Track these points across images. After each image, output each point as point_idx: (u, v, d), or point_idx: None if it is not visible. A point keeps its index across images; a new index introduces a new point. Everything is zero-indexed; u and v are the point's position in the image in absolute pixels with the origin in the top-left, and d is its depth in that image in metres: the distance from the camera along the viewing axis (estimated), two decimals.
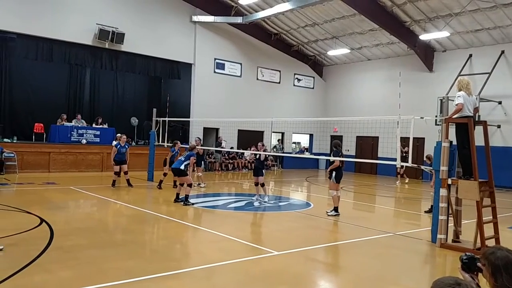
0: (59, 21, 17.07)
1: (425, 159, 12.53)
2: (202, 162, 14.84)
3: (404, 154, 15.65)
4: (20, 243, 6.42)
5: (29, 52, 17.12)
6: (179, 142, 13.49)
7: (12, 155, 15.47)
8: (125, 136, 13.64)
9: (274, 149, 23.99)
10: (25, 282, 4.87)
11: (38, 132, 17.48)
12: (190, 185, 10.73)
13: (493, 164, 7.65)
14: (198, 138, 15.56)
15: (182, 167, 10.71)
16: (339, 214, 9.86)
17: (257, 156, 11.85)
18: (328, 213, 9.93)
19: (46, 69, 19.14)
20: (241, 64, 22.86)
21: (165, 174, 13.49)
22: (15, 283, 4.78)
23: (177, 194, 10.88)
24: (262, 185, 11.62)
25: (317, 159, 24.31)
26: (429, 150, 13.62)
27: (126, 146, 13.27)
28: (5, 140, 16.21)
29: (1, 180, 13.64)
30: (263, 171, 11.73)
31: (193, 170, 12.91)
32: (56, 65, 19.05)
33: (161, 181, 13.29)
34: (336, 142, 10.26)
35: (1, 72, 17.87)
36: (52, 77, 19.49)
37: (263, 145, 12.10)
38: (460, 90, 7.34)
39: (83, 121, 18.33)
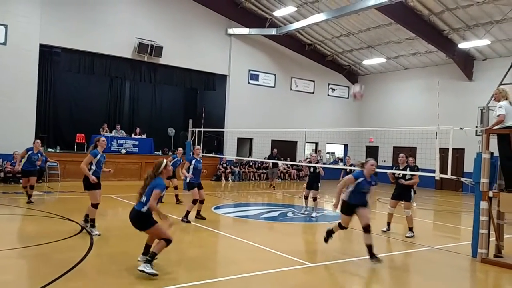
0: (101, 35, 17.78)
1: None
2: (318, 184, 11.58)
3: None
4: (61, 249, 6.68)
5: (72, 66, 17.91)
6: None
7: (55, 164, 16.13)
8: (180, 149, 13.45)
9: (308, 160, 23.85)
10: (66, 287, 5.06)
11: (79, 142, 18.15)
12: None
13: None
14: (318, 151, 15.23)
15: None
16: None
17: (311, 169, 11.34)
18: (408, 236, 9.07)
19: (88, 82, 19.98)
20: (275, 75, 23.00)
21: None
22: None
23: None
24: (315, 199, 11.28)
25: (352, 170, 23.96)
26: (469, 161, 13.18)
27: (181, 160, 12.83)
28: (49, 149, 16.92)
29: (45, 188, 14.23)
30: (319, 184, 11.32)
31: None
32: (97, 78, 19.86)
33: None
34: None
35: (46, 85, 18.76)
36: (93, 90, 20.31)
37: (317, 156, 11.74)
38: (499, 100, 7.08)
39: (122, 131, 18.93)
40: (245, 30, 21.13)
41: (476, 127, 14.01)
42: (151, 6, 19.16)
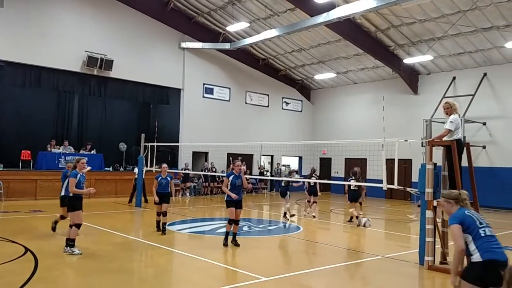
0: (48, 48, 17.17)
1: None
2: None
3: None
4: (2, 274, 6.30)
5: (17, 80, 17.15)
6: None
7: None
8: (165, 165, 10.85)
9: (266, 172, 24.03)
10: None
11: (25, 159, 17.30)
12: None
13: (479, 185, 7.77)
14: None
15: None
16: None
17: (312, 183, 13.60)
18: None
19: (34, 96, 19.11)
20: (229, 88, 23.08)
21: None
22: None
23: None
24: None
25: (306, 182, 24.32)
26: (416, 171, 13.75)
27: (168, 178, 10.51)
28: None
29: None
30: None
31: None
32: (44, 92, 19.06)
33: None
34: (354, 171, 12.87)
35: None
36: (40, 104, 19.45)
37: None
38: (451, 114, 7.36)
39: (70, 147, 18.24)
40: (198, 44, 21.12)
41: (422, 139, 14.69)
42: (100, 19, 18.76)
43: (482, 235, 3.99)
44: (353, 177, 12.64)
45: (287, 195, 13.35)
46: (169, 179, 10.42)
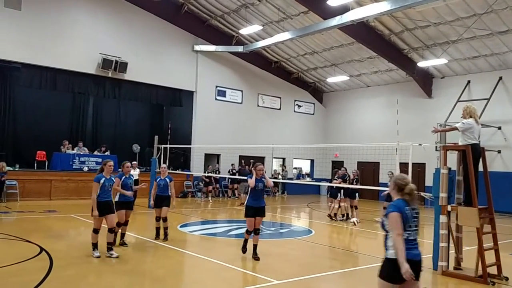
0: (64, 51, 17.41)
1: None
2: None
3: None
4: (18, 273, 6.40)
5: (33, 81, 17.42)
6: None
7: (14, 183, 15.53)
8: (164, 166, 10.33)
9: (278, 175, 23.97)
10: None
11: (40, 160, 17.56)
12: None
13: (494, 189, 7.66)
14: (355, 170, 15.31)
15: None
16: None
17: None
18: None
19: (49, 98, 19.42)
20: (242, 91, 23.14)
21: None
22: None
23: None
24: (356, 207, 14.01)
25: (319, 185, 24.22)
26: (430, 175, 13.60)
27: (167, 180, 9.63)
28: (8, 168, 16.29)
29: (2, 208, 13.64)
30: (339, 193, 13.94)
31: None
32: (59, 94, 19.35)
33: None
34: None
35: (5, 101, 18.18)
36: (55, 106, 19.76)
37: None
38: (465, 117, 7.32)
39: (85, 148, 18.47)
40: (211, 47, 21.24)
41: (436, 143, 14.56)
42: (116, 22, 18.98)
43: (405, 237, 3.95)
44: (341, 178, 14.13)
45: (338, 196, 14.05)
46: (168, 180, 9.55)
